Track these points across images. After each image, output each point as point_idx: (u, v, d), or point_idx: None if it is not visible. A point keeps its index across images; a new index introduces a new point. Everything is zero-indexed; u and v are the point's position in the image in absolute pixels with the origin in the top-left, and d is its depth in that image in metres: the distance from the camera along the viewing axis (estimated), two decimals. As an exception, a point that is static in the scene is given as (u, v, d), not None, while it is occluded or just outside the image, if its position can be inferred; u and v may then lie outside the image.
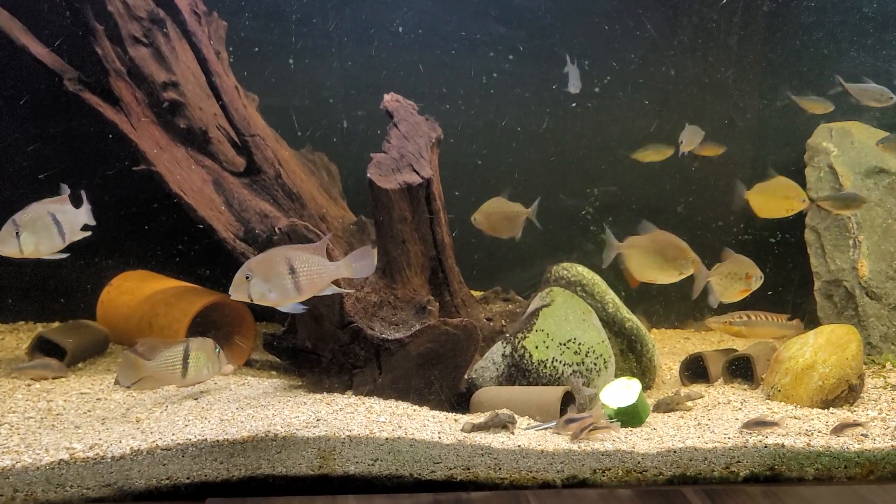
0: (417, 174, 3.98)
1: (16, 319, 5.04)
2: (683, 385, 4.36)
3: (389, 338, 3.66)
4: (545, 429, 3.29)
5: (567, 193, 5.62)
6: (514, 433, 3.20)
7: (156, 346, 3.52)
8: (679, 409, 3.78)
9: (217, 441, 2.90)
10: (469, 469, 3.00)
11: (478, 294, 4.72)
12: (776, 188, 4.57)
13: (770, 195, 4.56)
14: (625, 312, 4.38)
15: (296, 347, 3.82)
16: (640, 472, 3.06)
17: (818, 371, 3.84)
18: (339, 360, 3.75)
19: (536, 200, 4.61)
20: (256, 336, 4.60)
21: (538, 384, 3.79)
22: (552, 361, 3.81)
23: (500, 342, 3.91)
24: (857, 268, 4.91)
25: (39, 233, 3.27)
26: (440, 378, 3.62)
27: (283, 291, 2.96)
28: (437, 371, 3.62)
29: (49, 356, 4.15)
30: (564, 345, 3.87)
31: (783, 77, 5.62)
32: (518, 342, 3.85)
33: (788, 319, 4.46)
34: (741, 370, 4.37)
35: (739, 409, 3.77)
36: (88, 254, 4.65)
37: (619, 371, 4.20)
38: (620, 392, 3.54)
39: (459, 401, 3.68)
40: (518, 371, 3.81)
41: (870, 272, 4.90)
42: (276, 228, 3.77)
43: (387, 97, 4.29)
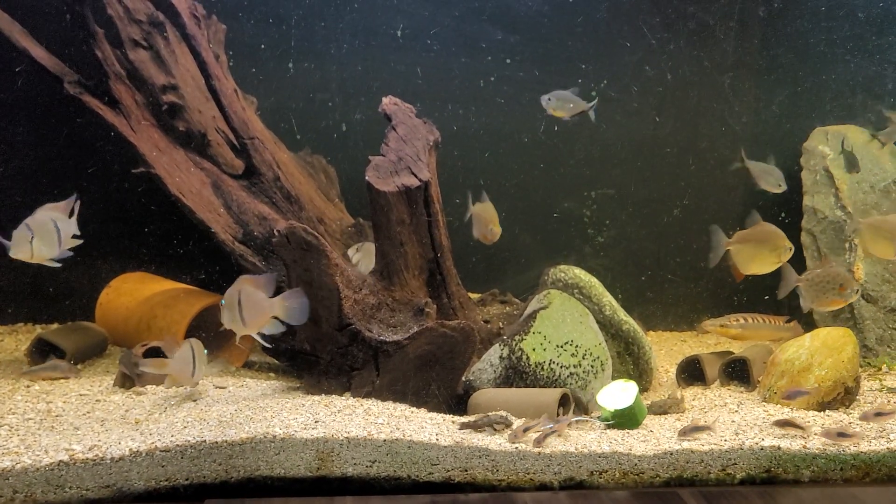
0: (415, 177, 4.00)
1: (15, 321, 5.05)
2: (680, 387, 4.38)
3: (387, 340, 3.68)
4: (542, 430, 3.30)
5: (564, 196, 5.64)
6: (502, 433, 3.20)
7: (171, 346, 3.60)
8: (672, 412, 3.80)
9: (216, 442, 2.91)
10: (466, 471, 3.01)
11: (475, 296, 4.73)
12: (761, 238, 4.17)
13: (755, 247, 4.17)
14: (622, 315, 4.39)
15: (294, 349, 3.83)
16: (637, 474, 3.08)
17: (814, 373, 3.86)
18: (338, 362, 3.76)
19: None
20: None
21: (535, 386, 3.80)
22: (549, 363, 3.83)
23: (498, 344, 3.93)
24: (853, 271, 4.93)
25: (45, 238, 3.33)
26: (438, 380, 3.63)
27: (236, 324, 3.40)
28: (435, 373, 3.63)
29: (48, 358, 4.17)
30: (562, 347, 3.88)
31: (779, 80, 5.65)
32: (515, 344, 3.87)
33: (787, 321, 4.47)
34: (738, 372, 4.39)
35: (736, 412, 3.79)
36: (87, 256, 4.66)
37: (617, 373, 4.21)
38: (617, 394, 3.55)
39: (457, 403, 3.69)
40: (515, 373, 3.83)
41: (865, 275, 4.93)
42: (275, 231, 3.78)
43: (385, 100, 4.31)
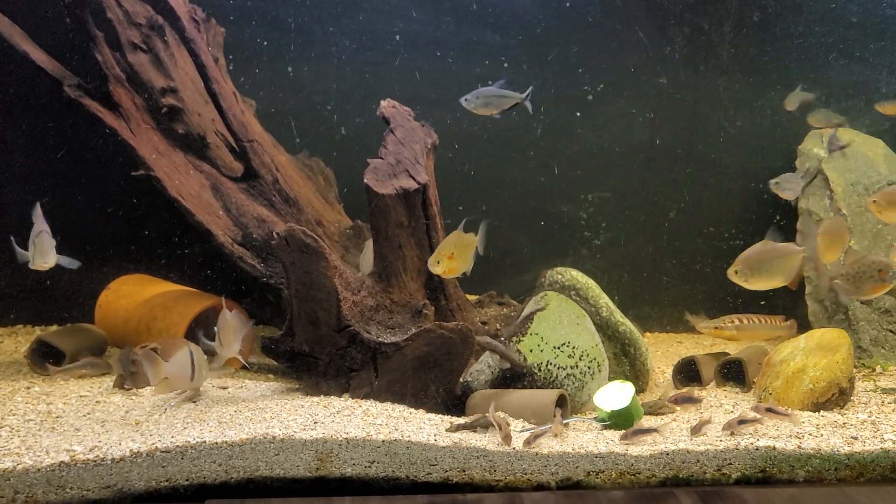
0: (414, 180, 4.02)
1: (14, 323, 5.07)
2: (676, 388, 4.41)
3: (386, 341, 3.70)
4: (540, 432, 3.32)
5: (561, 199, 5.67)
6: (492, 434, 3.23)
7: (168, 350, 3.62)
8: (664, 413, 3.82)
9: (216, 443, 2.93)
10: (465, 471, 3.03)
11: (473, 298, 4.76)
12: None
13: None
14: (618, 316, 4.42)
15: (293, 351, 3.85)
16: (634, 475, 3.11)
17: (809, 374, 3.89)
18: (337, 364, 3.78)
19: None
20: (254, 339, 4.63)
21: (533, 387, 3.83)
22: (546, 365, 3.85)
23: (496, 346, 3.95)
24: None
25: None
26: (436, 381, 3.66)
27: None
28: (433, 374, 3.65)
29: (47, 359, 4.18)
30: (559, 348, 3.91)
31: (773, 84, 5.69)
32: (513, 346, 3.89)
33: (784, 320, 4.49)
34: (733, 373, 4.41)
35: (731, 413, 3.82)
36: (87, 257, 4.68)
37: (613, 374, 4.24)
38: (614, 395, 3.58)
39: (455, 404, 3.72)
40: (513, 374, 3.85)
41: (860, 277, 4.95)
42: (274, 233, 3.80)
43: (383, 103, 4.34)
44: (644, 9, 5.54)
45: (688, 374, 4.48)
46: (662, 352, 5.33)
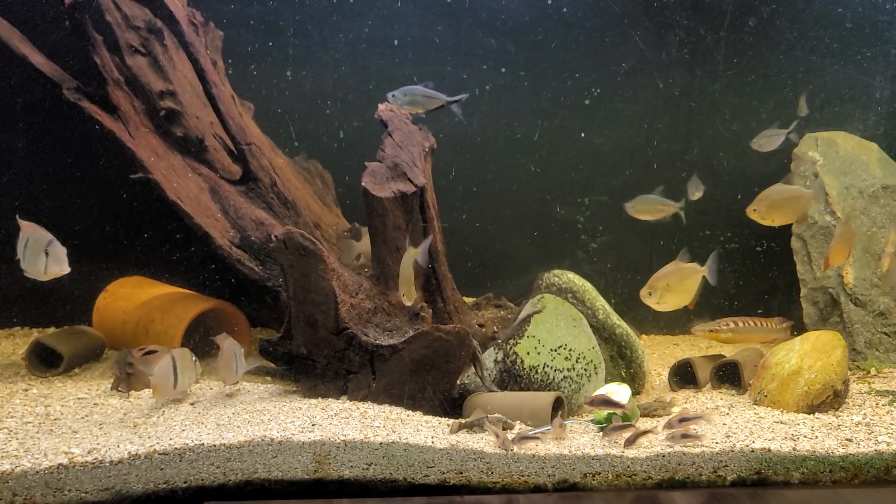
0: (411, 183, 4.04)
1: (12, 325, 5.07)
2: (672, 390, 4.43)
3: (383, 344, 3.71)
4: (537, 433, 3.34)
5: (558, 202, 5.69)
6: (490, 435, 3.25)
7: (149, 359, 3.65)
8: (658, 414, 3.84)
9: (214, 446, 2.94)
10: (462, 473, 3.05)
11: (470, 300, 4.77)
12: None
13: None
14: (615, 319, 4.44)
15: (291, 353, 3.86)
16: (630, 476, 3.12)
17: (804, 377, 3.91)
18: (334, 366, 3.80)
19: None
20: (252, 342, 4.64)
21: (529, 389, 3.85)
22: (543, 367, 3.87)
23: (493, 348, 3.97)
24: (843, 275, 4.99)
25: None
26: (433, 383, 3.67)
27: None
28: (431, 376, 3.67)
29: (45, 361, 4.19)
30: (555, 350, 3.93)
31: (768, 88, 5.71)
32: (510, 348, 3.91)
33: (781, 322, 4.51)
34: (729, 376, 4.43)
35: (727, 415, 3.84)
36: (84, 260, 4.69)
37: (610, 376, 4.26)
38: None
39: (453, 406, 3.73)
40: (510, 376, 3.87)
41: (854, 279, 4.99)
42: (273, 236, 3.81)
43: (381, 107, 4.35)
44: (641, 13, 5.57)
45: (684, 377, 4.50)
46: (659, 354, 5.35)
